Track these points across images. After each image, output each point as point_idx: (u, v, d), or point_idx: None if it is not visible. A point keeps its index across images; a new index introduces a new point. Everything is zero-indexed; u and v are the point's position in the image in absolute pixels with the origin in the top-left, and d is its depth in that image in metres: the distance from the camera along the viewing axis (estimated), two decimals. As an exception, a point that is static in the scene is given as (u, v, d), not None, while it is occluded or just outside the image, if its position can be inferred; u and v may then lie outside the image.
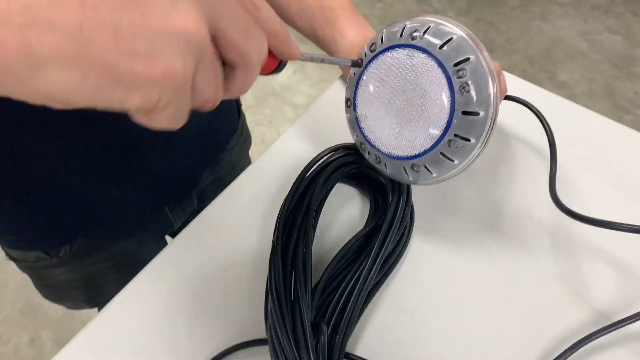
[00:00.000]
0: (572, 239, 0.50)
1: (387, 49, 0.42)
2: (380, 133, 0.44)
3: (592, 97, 2.04)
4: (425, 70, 0.40)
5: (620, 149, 0.57)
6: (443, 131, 0.40)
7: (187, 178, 0.72)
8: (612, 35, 2.26)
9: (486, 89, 0.39)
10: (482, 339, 0.45)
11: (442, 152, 0.41)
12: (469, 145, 0.40)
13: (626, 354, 0.44)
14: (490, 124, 0.39)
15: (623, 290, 0.47)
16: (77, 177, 0.56)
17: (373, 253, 0.44)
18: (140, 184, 0.63)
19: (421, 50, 0.40)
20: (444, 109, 0.39)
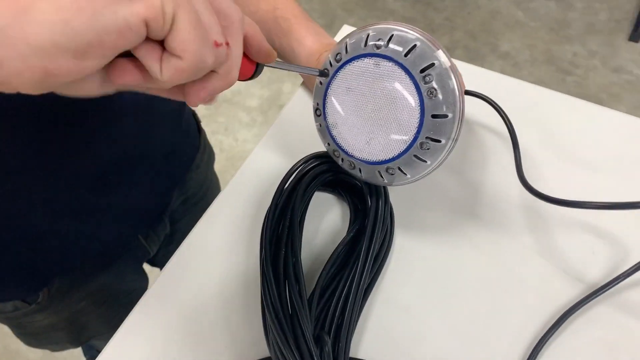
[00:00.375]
0: (545, 217, 0.52)
1: (353, 59, 0.42)
2: (352, 140, 0.45)
3: (535, 63, 2.10)
4: (393, 77, 0.41)
5: (573, 122, 0.59)
6: (414, 135, 0.41)
7: (157, 204, 0.71)
8: (546, 1, 2.33)
9: (452, 91, 0.40)
10: (475, 321, 0.46)
11: (415, 155, 0.42)
12: (439, 145, 0.41)
13: (615, 317, 0.46)
14: (458, 123, 0.41)
15: (599, 257, 0.49)
16: (45, 217, 0.55)
17: (362, 255, 0.45)
18: (110, 217, 0.62)
19: (387, 59, 0.41)
20: (414, 115, 0.41)
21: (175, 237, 0.82)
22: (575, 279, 0.48)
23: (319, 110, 0.46)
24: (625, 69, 2.06)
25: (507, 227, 0.51)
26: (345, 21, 2.24)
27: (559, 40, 2.18)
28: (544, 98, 0.62)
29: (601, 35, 2.19)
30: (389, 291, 0.48)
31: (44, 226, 0.56)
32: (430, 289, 0.48)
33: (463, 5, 2.33)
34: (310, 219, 0.51)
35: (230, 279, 0.49)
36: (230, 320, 0.47)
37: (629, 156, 0.56)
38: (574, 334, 0.45)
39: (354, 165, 0.46)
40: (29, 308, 0.65)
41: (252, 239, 0.51)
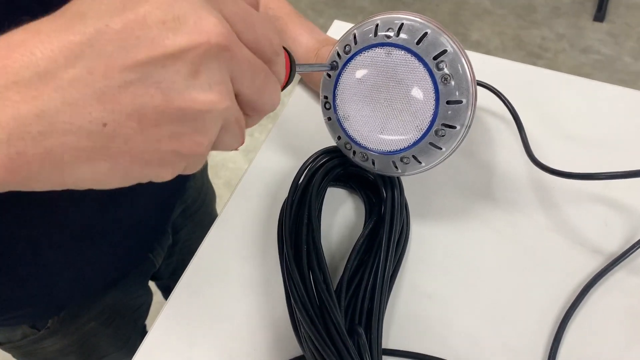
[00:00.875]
0: (556, 193, 0.52)
1: (363, 49, 0.42)
2: (365, 131, 0.45)
3: (506, 50, 2.13)
4: (406, 66, 0.41)
5: (569, 98, 0.60)
6: (430, 122, 0.41)
7: (161, 215, 0.70)
8: (510, -12, 2.37)
9: (465, 76, 0.41)
10: (499, 301, 0.47)
11: (431, 142, 0.42)
12: (454, 132, 0.42)
13: (636, 284, 0.47)
14: (471, 109, 0.41)
15: (613, 228, 0.50)
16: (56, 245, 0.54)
17: (384, 243, 0.45)
18: (119, 235, 0.61)
19: (399, 48, 0.41)
20: (429, 102, 0.41)
21: (176, 247, 0.81)
22: (592, 251, 0.49)
23: (328, 104, 0.46)
24: (593, 49, 2.11)
25: (519, 207, 0.52)
26: (316, 21, 2.24)
27: (527, 25, 2.22)
28: (532, 75, 0.63)
29: (567, 18, 2.23)
30: (411, 280, 0.48)
31: (56, 256, 0.55)
32: (452, 274, 0.48)
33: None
34: (324, 215, 0.51)
35: (249, 283, 0.49)
36: (255, 325, 0.47)
37: (626, 126, 0.57)
38: (597, 305, 0.46)
39: (366, 157, 0.46)
40: (38, 334, 0.63)
41: (266, 241, 0.51)
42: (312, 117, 0.59)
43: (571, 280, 0.47)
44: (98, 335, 0.70)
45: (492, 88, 0.56)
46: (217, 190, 1.77)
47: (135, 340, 0.79)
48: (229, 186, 1.69)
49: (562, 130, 0.57)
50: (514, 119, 0.55)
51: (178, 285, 0.50)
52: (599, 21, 2.20)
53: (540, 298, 0.47)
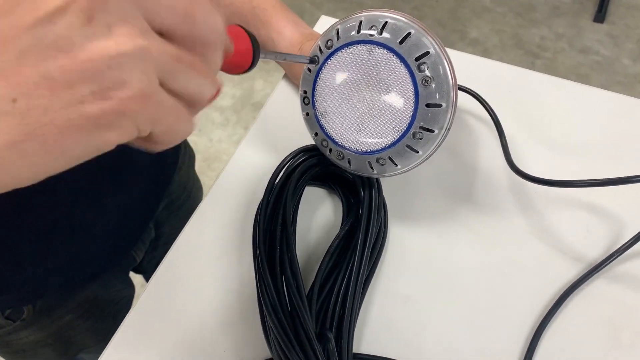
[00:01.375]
0: (537, 199, 0.51)
1: (344, 46, 0.41)
2: (342, 129, 0.44)
3: (504, 49, 2.12)
4: (387, 65, 0.40)
5: (553, 101, 0.59)
6: (408, 124, 0.40)
7: (146, 210, 0.69)
8: (510, -14, 2.35)
9: (447, 80, 0.40)
10: (475, 307, 0.46)
11: (408, 145, 0.41)
12: (432, 135, 0.41)
13: (614, 293, 0.46)
14: (451, 113, 0.41)
15: (594, 235, 0.49)
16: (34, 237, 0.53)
17: (359, 247, 0.44)
18: (102, 230, 0.60)
19: (381, 46, 0.40)
20: (408, 103, 0.40)
21: (160, 242, 0.80)
22: (572, 258, 0.48)
23: (307, 99, 0.45)
24: (592, 50, 2.10)
25: (500, 211, 0.51)
26: (314, 14, 2.23)
27: (526, 24, 2.21)
28: (523, 79, 0.62)
29: (566, 18, 2.22)
30: (387, 283, 0.47)
31: (32, 246, 0.54)
32: (429, 277, 0.48)
33: (430, -6, 2.34)
34: (302, 214, 0.50)
35: (223, 282, 0.48)
36: (226, 324, 0.46)
37: (612, 132, 0.56)
38: (575, 313, 0.45)
39: (342, 156, 0.45)
40: (13, 325, 0.62)
41: (242, 240, 0.50)
42: (295, 112, 0.58)
43: (550, 287, 0.47)
44: (75, 329, 0.69)
45: (474, 93, 0.55)
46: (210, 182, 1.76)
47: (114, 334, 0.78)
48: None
49: (546, 134, 0.56)
50: (495, 124, 0.54)
51: (151, 281, 0.49)
52: (599, 22, 2.18)
53: (518, 304, 0.46)
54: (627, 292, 0.46)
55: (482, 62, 0.63)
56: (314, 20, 0.67)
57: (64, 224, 0.55)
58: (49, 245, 0.56)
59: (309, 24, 0.64)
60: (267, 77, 2.03)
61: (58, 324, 0.67)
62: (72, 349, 0.74)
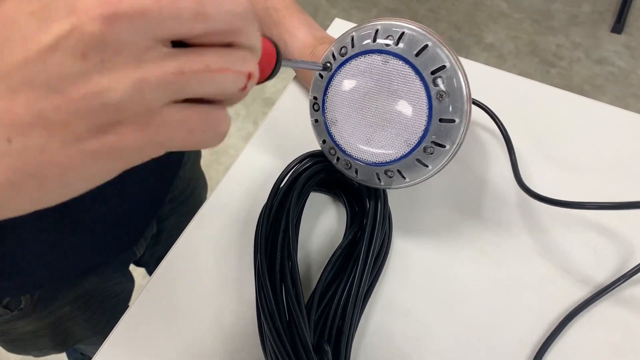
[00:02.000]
0: (545, 217, 0.50)
1: (359, 54, 0.41)
2: (352, 139, 0.43)
3: (519, 55, 2.10)
4: (402, 77, 0.39)
5: (568, 117, 0.58)
6: (420, 138, 0.40)
7: (150, 208, 0.69)
8: (529, -8, 2.33)
9: (461, 96, 0.39)
10: (477, 324, 0.45)
11: (418, 158, 0.41)
12: (444, 150, 0.40)
13: (619, 318, 0.45)
14: (464, 129, 0.40)
15: (601, 257, 0.48)
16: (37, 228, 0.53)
17: (361, 258, 0.43)
18: (108, 225, 0.59)
19: (397, 57, 0.39)
20: (421, 117, 0.39)
21: (162, 237, 0.80)
22: (577, 280, 0.47)
23: (317, 105, 0.45)
24: (608, 61, 2.07)
25: (506, 228, 0.50)
26: (329, 12, 2.21)
27: (543, 31, 2.18)
28: (538, 93, 0.61)
29: (584, 27, 2.19)
30: (388, 295, 0.47)
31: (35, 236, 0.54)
32: (430, 292, 0.47)
33: (447, -3, 2.32)
34: (305, 220, 0.50)
35: (222, 284, 0.47)
36: (224, 329, 0.45)
37: (626, 153, 0.55)
38: (578, 336, 0.44)
39: (350, 165, 0.44)
40: (11, 314, 0.62)
41: (244, 242, 0.49)
42: (304, 115, 0.57)
43: (553, 308, 0.46)
44: (73, 320, 0.69)
45: (486, 108, 0.54)
46: (217, 176, 1.76)
47: (112, 326, 0.78)
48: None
49: (557, 151, 0.55)
50: (505, 141, 0.53)
51: (149, 281, 0.48)
52: (617, 33, 2.16)
53: (520, 325, 0.45)
54: (632, 317, 0.45)
55: (496, 73, 0.62)
56: (328, 18, 0.66)
57: (68, 216, 0.55)
58: (54, 235, 0.55)
59: (323, 21, 0.64)
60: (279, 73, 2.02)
61: (56, 315, 0.67)
62: (69, 340, 0.74)
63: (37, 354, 0.77)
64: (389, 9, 2.26)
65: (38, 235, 0.54)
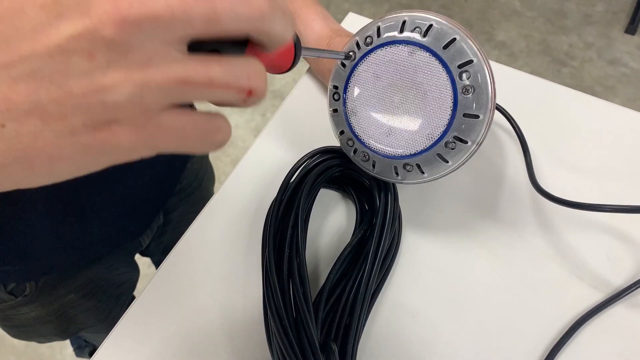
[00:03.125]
0: (559, 219, 0.50)
1: (385, 44, 0.40)
2: (371, 130, 0.42)
3: (531, 54, 2.08)
4: (428, 69, 0.38)
5: (584, 119, 0.57)
6: (442, 132, 0.39)
7: (157, 200, 0.68)
8: (543, -10, 2.30)
9: (487, 91, 0.38)
10: (485, 327, 0.44)
11: (439, 153, 0.40)
12: (465, 146, 0.39)
13: (631, 325, 0.44)
14: (486, 126, 0.39)
15: (614, 263, 0.47)
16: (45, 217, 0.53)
17: (370, 257, 0.42)
18: (115, 213, 0.59)
19: (424, 49, 0.38)
20: (446, 111, 0.38)
21: (168, 228, 0.79)
22: (589, 285, 0.46)
23: (337, 95, 0.44)
24: (620, 62, 2.05)
25: (518, 230, 0.49)
26: (341, 5, 2.20)
27: (555, 30, 2.17)
28: (551, 92, 0.60)
29: (597, 27, 2.17)
30: (396, 294, 0.46)
31: (44, 224, 0.54)
32: (439, 293, 0.46)
33: (460, -7, 2.30)
34: (314, 217, 0.49)
35: (229, 279, 0.47)
36: (230, 324, 0.45)
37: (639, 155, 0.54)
38: (588, 341, 0.44)
39: (367, 157, 0.44)
40: (15, 300, 0.62)
41: (252, 236, 0.49)
42: (316, 110, 0.56)
43: (564, 313, 0.45)
44: (77, 308, 0.69)
45: (501, 108, 0.53)
46: (224, 168, 1.75)
47: (116, 314, 0.78)
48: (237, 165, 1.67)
49: (572, 153, 0.54)
50: (521, 142, 0.52)
51: (156, 274, 0.48)
52: (631, 34, 2.13)
53: (529, 329, 0.44)
54: (644, 325, 0.44)
55: (512, 72, 0.61)
56: (340, 12, 0.66)
57: (76, 205, 0.55)
58: (61, 224, 0.55)
59: (335, 14, 0.63)
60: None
61: (60, 302, 0.66)
62: (72, 327, 0.74)
63: (41, 340, 0.77)
64: (401, 3, 2.25)
65: (46, 223, 0.53)
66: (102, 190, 0.56)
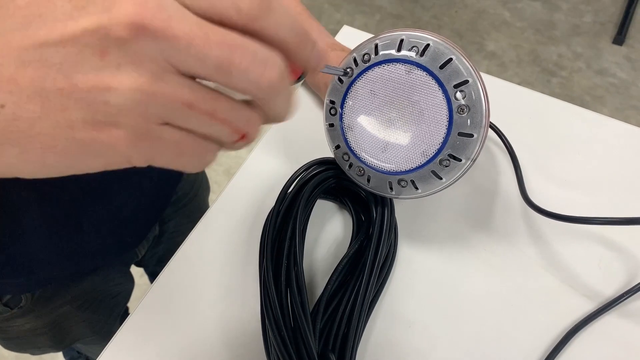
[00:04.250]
0: (550, 230, 0.50)
1: (382, 62, 0.41)
2: (367, 146, 0.43)
3: (521, 64, 2.11)
4: (425, 88, 0.39)
5: (574, 131, 0.58)
6: (437, 150, 0.40)
7: (154, 211, 0.68)
8: (532, 1, 2.33)
9: (481, 111, 0.39)
10: (480, 337, 0.45)
11: (433, 170, 0.41)
12: (459, 164, 0.40)
13: (623, 334, 0.45)
14: (480, 145, 0.40)
15: (606, 273, 0.48)
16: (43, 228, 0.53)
17: (367, 267, 0.43)
18: (112, 226, 0.59)
19: (421, 68, 0.39)
20: (441, 129, 0.39)
21: (163, 238, 0.80)
22: (581, 294, 0.47)
23: (333, 109, 0.44)
24: (609, 72, 2.08)
25: (511, 241, 0.50)
26: (333, 16, 2.22)
27: (545, 41, 2.19)
28: (540, 104, 0.61)
29: (586, 38, 2.20)
30: (392, 305, 0.46)
31: (42, 237, 0.54)
32: (434, 303, 0.47)
33: (450, 4, 2.32)
34: (311, 228, 0.50)
35: (226, 290, 0.47)
36: (227, 335, 0.45)
37: (630, 167, 0.55)
38: (581, 350, 0.44)
39: (363, 172, 0.44)
40: (10, 312, 0.62)
41: (249, 247, 0.49)
42: (310, 121, 0.57)
43: (557, 322, 0.46)
44: (72, 319, 0.69)
45: (492, 125, 0.55)
46: (217, 177, 1.76)
47: (111, 326, 0.78)
48: (229, 175, 1.67)
49: (563, 164, 0.55)
50: (511, 157, 0.53)
51: (154, 284, 0.48)
52: (618, 44, 2.17)
53: (523, 338, 0.45)
54: (636, 332, 0.45)
55: (502, 84, 0.62)
56: (331, 22, 0.66)
57: (72, 216, 0.55)
58: (58, 234, 0.55)
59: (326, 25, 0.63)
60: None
61: (55, 314, 0.66)
62: (67, 338, 0.74)
63: (34, 352, 0.76)
64: (392, 14, 2.27)
65: (43, 234, 0.53)
66: (99, 201, 0.56)
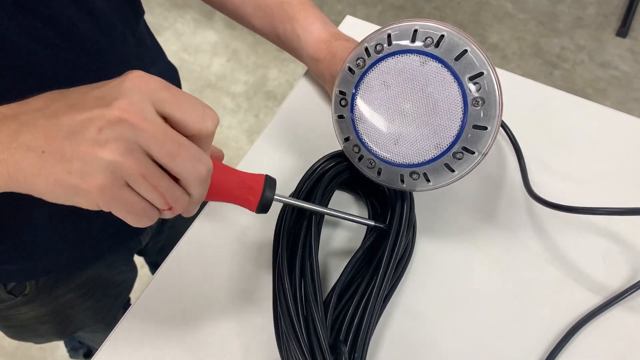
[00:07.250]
0: (557, 223, 0.50)
1: (396, 53, 0.40)
2: (379, 138, 0.42)
3: (523, 57, 2.10)
4: (439, 80, 0.39)
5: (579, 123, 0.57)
6: (451, 143, 0.39)
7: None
8: (535, -7, 2.32)
9: (495, 104, 0.39)
10: (489, 330, 0.45)
11: (446, 163, 0.40)
12: (472, 157, 0.40)
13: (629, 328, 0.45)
14: (493, 137, 0.40)
15: (611, 265, 0.48)
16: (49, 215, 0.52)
17: (384, 261, 0.42)
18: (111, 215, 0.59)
19: (436, 59, 0.38)
20: (456, 122, 0.39)
21: (165, 226, 0.79)
22: (587, 288, 0.47)
23: (344, 100, 0.44)
24: (611, 64, 2.07)
25: (516, 234, 0.50)
26: (334, 7, 2.20)
27: (547, 33, 2.18)
28: (546, 96, 0.60)
29: (589, 30, 2.19)
30: (405, 298, 0.46)
31: (48, 223, 0.54)
32: (441, 298, 0.46)
33: (453, -5, 2.31)
34: (326, 219, 0.49)
35: (233, 279, 0.47)
36: (232, 326, 0.45)
37: (634, 159, 0.54)
38: (586, 344, 0.44)
39: (374, 165, 0.44)
40: (15, 300, 0.62)
41: (253, 237, 0.49)
42: (314, 113, 0.57)
43: (562, 316, 0.45)
44: (76, 307, 0.69)
45: None
46: (217, 166, 1.75)
47: (114, 314, 0.78)
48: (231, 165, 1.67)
49: (567, 156, 0.54)
50: (515, 149, 0.53)
51: (157, 274, 0.48)
52: (622, 37, 2.15)
53: (530, 331, 0.45)
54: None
55: (506, 75, 0.61)
56: (333, 13, 0.65)
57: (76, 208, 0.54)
58: (63, 221, 0.55)
59: (328, 15, 0.63)
60: (282, 66, 2.01)
61: (59, 302, 0.66)
62: (70, 327, 0.73)
63: (38, 341, 0.76)
64: (394, 5, 2.25)
65: (48, 220, 0.53)
66: None
